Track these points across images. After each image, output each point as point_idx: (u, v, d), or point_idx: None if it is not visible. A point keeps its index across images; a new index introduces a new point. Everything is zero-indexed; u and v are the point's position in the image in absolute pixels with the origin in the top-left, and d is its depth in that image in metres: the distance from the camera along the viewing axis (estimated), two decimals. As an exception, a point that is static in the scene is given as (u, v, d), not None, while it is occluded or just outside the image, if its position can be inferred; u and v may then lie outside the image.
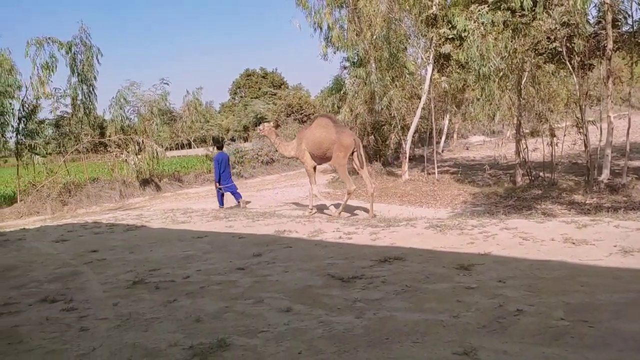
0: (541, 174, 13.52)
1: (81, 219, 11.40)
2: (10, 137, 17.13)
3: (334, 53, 17.83)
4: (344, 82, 18.23)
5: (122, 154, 20.02)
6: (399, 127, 17.16)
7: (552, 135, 12.94)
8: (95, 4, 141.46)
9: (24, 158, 17.58)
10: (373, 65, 16.84)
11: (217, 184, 12.28)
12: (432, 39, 14.78)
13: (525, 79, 13.11)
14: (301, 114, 44.29)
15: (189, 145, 31.44)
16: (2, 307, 4.08)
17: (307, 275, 4.55)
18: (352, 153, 9.60)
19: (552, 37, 11.68)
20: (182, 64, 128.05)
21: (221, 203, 12.31)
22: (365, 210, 10.66)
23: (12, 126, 16.90)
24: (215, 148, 13.60)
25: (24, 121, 17.48)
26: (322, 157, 10.00)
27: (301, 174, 24.70)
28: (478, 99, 15.07)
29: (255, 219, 8.54)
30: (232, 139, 32.58)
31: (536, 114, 13.61)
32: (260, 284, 4.37)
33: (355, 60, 18.01)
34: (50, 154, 19.70)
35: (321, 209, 10.56)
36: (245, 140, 39.08)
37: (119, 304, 3.99)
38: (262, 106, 47.56)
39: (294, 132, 30.31)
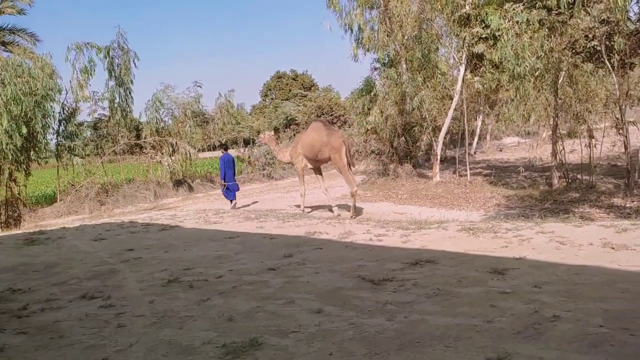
0: (579, 176, 13.11)
1: (118, 218, 11.73)
2: (51, 139, 17.79)
3: (365, 54, 17.77)
4: (374, 83, 18.10)
5: (156, 155, 20.53)
6: (430, 128, 16.93)
7: (591, 136, 12.53)
8: (132, 9, 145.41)
9: (63, 159, 18.23)
10: (404, 66, 16.70)
11: (223, 182, 13.24)
12: (464, 39, 14.54)
13: (562, 78, 12.74)
14: (331, 115, 44.32)
15: (221, 147, 31.91)
16: (45, 302, 4.24)
17: (337, 277, 4.56)
18: (345, 154, 10.15)
19: (591, 36, 11.31)
20: (215, 67, 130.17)
21: (232, 197, 13.16)
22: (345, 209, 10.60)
23: (53, 128, 17.54)
24: (222, 150, 14.64)
25: (64, 123, 18.13)
26: (315, 159, 10.68)
27: (331, 175, 24.70)
28: (512, 100, 14.73)
29: (286, 220, 8.60)
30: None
31: (573, 114, 13.20)
32: (291, 285, 4.40)
33: (386, 61, 17.89)
34: (88, 155, 20.39)
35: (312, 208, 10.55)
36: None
37: (154, 302, 4.09)
38: (292, 108, 47.84)
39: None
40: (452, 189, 14.31)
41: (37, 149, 16.13)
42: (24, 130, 14.61)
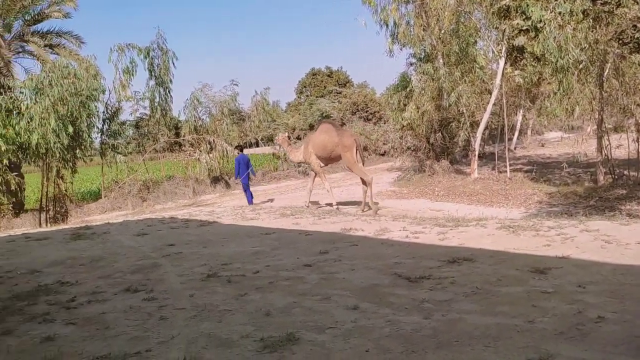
0: (626, 172, 12.56)
1: (159, 214, 12.08)
2: (96, 138, 18.49)
3: (400, 49, 17.56)
4: (410, 78, 17.86)
5: (195, 152, 21.00)
6: (468, 123, 16.58)
7: (639, 130, 11.98)
8: (169, 7, 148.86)
9: (107, 157, 18.91)
10: (441, 60, 16.41)
11: (236, 179, 14.20)
12: (504, 31, 14.16)
13: (607, 70, 12.22)
14: (366, 111, 44.01)
15: (257, 144, 32.36)
16: (91, 295, 4.43)
17: (373, 274, 4.55)
18: (356, 151, 10.76)
19: (639, 26, 10.80)
20: (251, 64, 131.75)
21: (250, 200, 13.66)
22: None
23: (97, 127, 18.23)
24: (238, 151, 15.34)
25: (107, 123, 18.80)
26: (328, 158, 11.38)
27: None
28: (555, 93, 14.20)
29: (321, 217, 8.64)
30: (298, 138, 33.04)
31: (620, 108, 12.65)
32: (327, 281, 4.42)
33: (422, 56, 17.63)
34: (130, 153, 21.07)
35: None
36: (311, 138, 39.50)
37: (194, 296, 4.20)
38: (327, 104, 47.76)
39: (360, 130, 30.29)
40: (491, 186, 14.00)
41: (82, 147, 16.77)
42: (70, 129, 15.22)
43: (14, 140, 14.94)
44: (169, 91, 20.29)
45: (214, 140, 21.00)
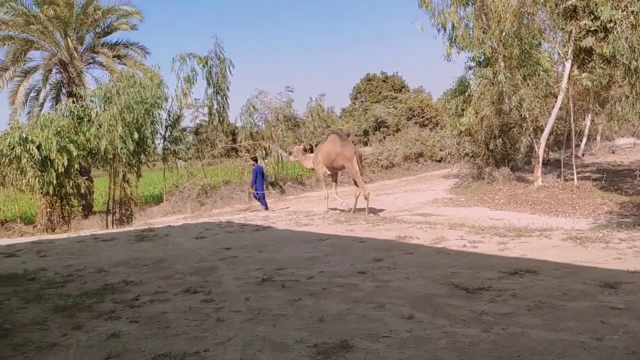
0: None
1: (216, 218, 12.44)
2: (159, 144, 19.37)
3: (458, 53, 17.15)
4: (468, 83, 17.40)
5: (250, 158, 21.47)
6: (531, 129, 15.90)
7: None
8: (225, 15, 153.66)
9: (169, 162, 19.75)
10: (502, 63, 15.89)
11: (252, 189, 15.24)
12: (570, 32, 13.51)
13: (687, 71, 11.35)
14: (422, 117, 43.32)
15: (311, 150, 32.58)
16: (153, 295, 4.61)
17: (429, 283, 4.44)
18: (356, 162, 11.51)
19: None
20: (306, 71, 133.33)
21: (266, 206, 14.82)
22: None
23: (160, 134, 19.09)
24: (252, 162, 16.43)
25: (169, 129, 19.65)
26: (332, 167, 12.25)
27: (421, 179, 24.21)
28: (627, 97, 13.39)
29: (376, 224, 8.56)
30: (353, 144, 33.17)
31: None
32: (381, 289, 4.37)
33: (482, 59, 17.14)
34: (190, 158, 21.90)
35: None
36: (365, 144, 39.41)
37: (250, 299, 4.27)
38: (382, 110, 47.47)
39: (416, 136, 29.84)
40: (556, 194, 13.34)
41: (146, 152, 17.61)
42: (136, 135, 16.03)
43: (84, 146, 15.94)
44: (226, 98, 20.95)
45: (269, 146, 21.43)
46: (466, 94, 17.10)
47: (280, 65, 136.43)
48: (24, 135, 14.73)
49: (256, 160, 16.14)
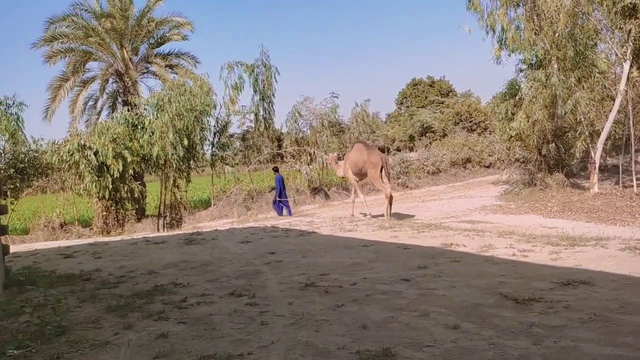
0: None
1: (261, 222, 12.63)
2: (207, 150, 19.93)
3: (508, 56, 16.67)
4: (519, 86, 16.83)
5: (295, 164, 21.71)
6: (587, 133, 15.18)
7: None
8: (270, 23, 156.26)
9: (217, 168, 20.26)
10: (555, 65, 15.28)
11: (279, 198, 15.77)
12: (629, 32, 12.84)
13: None
14: (470, 121, 42.35)
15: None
16: (200, 297, 4.73)
17: (476, 293, 4.32)
18: (381, 168, 12.16)
19: None
20: (351, 77, 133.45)
21: (280, 213, 15.61)
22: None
23: (209, 140, 19.65)
24: (274, 172, 17.16)
25: (217, 135, 20.19)
26: (359, 174, 12.87)
27: (469, 185, 23.63)
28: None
29: (421, 231, 8.42)
30: (398, 149, 32.70)
31: None
32: (425, 297, 4.29)
33: (533, 61, 16.54)
34: (237, 164, 22.39)
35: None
36: (411, 150, 38.92)
37: (293, 304, 4.30)
38: (428, 115, 46.78)
39: (463, 141, 29.21)
40: (613, 202, 12.66)
41: (195, 158, 18.15)
42: (186, 142, 16.55)
43: (138, 152, 16.62)
44: (271, 105, 21.30)
45: (314, 152, 21.55)
46: (517, 97, 16.56)
47: (325, 71, 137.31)
48: (82, 142, 15.52)
49: (277, 170, 16.88)
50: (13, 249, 8.75)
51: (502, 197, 16.54)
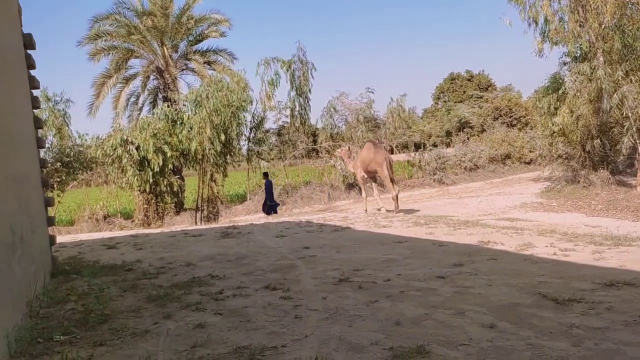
0: None
1: (296, 217, 12.73)
2: (243, 145, 20.24)
3: (551, 49, 16.11)
4: (562, 79, 16.26)
5: (330, 159, 21.72)
6: (634, 129, 14.52)
7: None
8: (305, 16, 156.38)
9: (253, 162, 20.56)
10: (600, 58, 14.67)
11: (269, 202, 16.12)
12: (682, 22, 12.18)
13: None
14: (510, 117, 41.25)
15: (392, 151, 32.25)
16: (236, 289, 4.82)
17: (514, 292, 4.22)
18: (386, 167, 12.95)
19: None
20: (387, 72, 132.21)
21: (269, 214, 15.66)
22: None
23: (245, 135, 19.95)
24: (264, 177, 17.54)
25: (253, 131, 20.46)
26: (367, 171, 13.68)
27: (508, 182, 23.05)
28: None
29: (457, 228, 8.29)
30: (434, 145, 32.20)
31: None
32: (461, 295, 4.23)
33: (578, 54, 15.95)
34: (273, 159, 22.65)
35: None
36: (448, 145, 38.27)
37: (327, 298, 4.33)
38: (466, 110, 45.84)
39: (502, 136, 28.49)
40: (662, 201, 12.09)
41: (232, 153, 18.48)
42: (223, 137, 16.86)
43: (177, 147, 17.05)
44: (307, 100, 21.40)
45: (349, 147, 21.50)
46: (560, 91, 16.01)
47: (361, 67, 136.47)
48: (125, 137, 16.05)
49: (267, 176, 17.35)
50: (59, 239, 9.17)
51: (543, 194, 16.07)
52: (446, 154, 26.06)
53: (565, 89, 15.58)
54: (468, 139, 34.24)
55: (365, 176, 13.96)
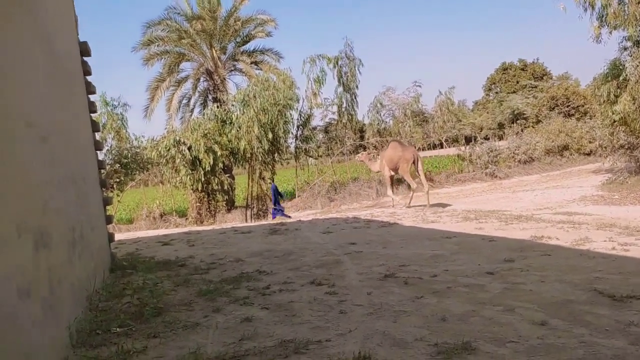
0: None
1: (343, 214, 12.76)
2: (291, 143, 20.47)
3: (610, 33, 15.22)
4: (623, 66, 15.31)
5: (378, 155, 21.55)
6: None
7: None
8: (353, 16, 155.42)
9: (300, 160, 20.74)
10: (665, 41, 13.73)
11: (273, 206, 16.36)
12: None
13: None
14: (567, 106, 39.34)
15: (441, 145, 31.63)
16: (282, 284, 4.90)
17: (567, 288, 4.05)
18: (414, 162, 13.71)
19: None
20: (435, 64, 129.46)
21: (274, 217, 15.72)
22: None
23: (292, 133, 20.16)
24: (270, 181, 17.87)
25: (300, 128, 20.63)
26: (394, 169, 14.25)
27: (566, 174, 22.03)
28: None
29: (509, 222, 8.03)
30: (486, 138, 31.21)
31: None
32: (511, 292, 4.10)
33: (639, 38, 15.00)
34: (320, 156, 22.74)
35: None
36: (500, 138, 37.02)
37: (372, 294, 4.32)
38: (519, 101, 44.12)
39: (559, 127, 27.26)
40: None
41: (280, 151, 18.74)
42: (270, 135, 17.14)
43: (226, 146, 17.50)
44: (354, 97, 21.31)
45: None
46: (620, 78, 15.10)
47: (408, 60, 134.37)
48: (178, 138, 16.64)
49: (272, 180, 17.68)
50: (119, 236, 9.66)
51: (604, 186, 15.23)
52: (498, 147, 25.22)
53: (627, 75, 14.68)
54: (522, 130, 32.96)
55: (392, 174, 14.53)
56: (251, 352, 3.09)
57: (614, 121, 15.77)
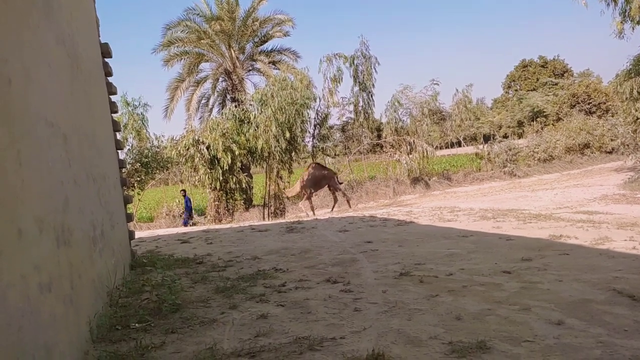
0: None
1: (360, 212, 12.74)
2: (308, 142, 20.52)
3: (632, 29, 14.89)
4: (647, 61, 15.05)
5: (395, 154, 21.49)
6: None
7: None
8: (368, 12, 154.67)
9: (318, 159, 20.76)
10: (691, 36, 13.40)
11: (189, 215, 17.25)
12: None
13: None
14: (589, 103, 38.61)
15: (459, 144, 31.37)
16: (298, 282, 4.94)
17: (586, 288, 4.01)
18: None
19: None
20: (453, 62, 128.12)
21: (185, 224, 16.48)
22: None
23: (309, 132, 20.20)
24: (182, 193, 18.32)
25: (317, 127, 20.66)
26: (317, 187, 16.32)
27: (587, 173, 21.63)
28: None
29: (527, 221, 7.94)
30: (505, 136, 30.78)
31: None
32: (527, 291, 4.07)
33: (664, 33, 14.67)
34: (337, 155, 22.74)
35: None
36: (520, 136, 36.49)
37: (387, 292, 4.33)
38: (539, 99, 43.40)
39: (580, 125, 26.79)
40: None
41: (297, 150, 18.79)
42: (287, 134, 17.20)
43: (244, 145, 17.62)
44: (371, 95, 21.25)
45: (414, 141, 21.18)
46: (645, 74, 14.80)
47: (426, 58, 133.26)
48: (197, 138, 16.83)
49: (185, 193, 18.21)
50: (140, 234, 9.83)
51: (626, 185, 14.89)
52: (518, 145, 24.88)
53: (651, 71, 14.38)
54: (542, 128, 32.48)
55: (313, 191, 16.37)
56: (266, 349, 3.13)
57: (637, 118, 15.46)
